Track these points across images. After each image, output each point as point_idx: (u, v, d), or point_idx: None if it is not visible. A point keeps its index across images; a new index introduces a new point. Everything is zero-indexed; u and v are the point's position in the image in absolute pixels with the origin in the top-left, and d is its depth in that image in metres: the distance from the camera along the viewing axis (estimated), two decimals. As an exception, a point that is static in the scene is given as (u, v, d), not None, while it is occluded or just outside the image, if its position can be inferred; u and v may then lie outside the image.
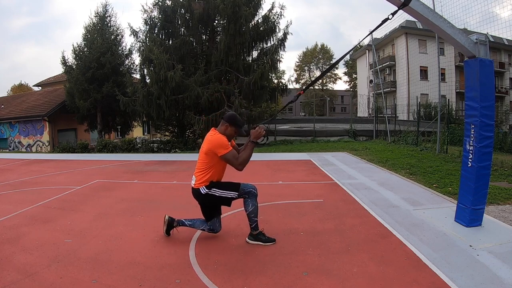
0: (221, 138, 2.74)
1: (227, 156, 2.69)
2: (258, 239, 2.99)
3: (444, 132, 8.93)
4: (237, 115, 2.90)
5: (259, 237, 3.00)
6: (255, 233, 3.00)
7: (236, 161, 2.71)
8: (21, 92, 30.58)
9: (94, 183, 6.08)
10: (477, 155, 3.11)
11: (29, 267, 2.60)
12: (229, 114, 2.90)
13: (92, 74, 13.39)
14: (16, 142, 17.06)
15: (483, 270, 2.41)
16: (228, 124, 2.81)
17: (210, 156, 2.76)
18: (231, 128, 2.82)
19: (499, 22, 7.09)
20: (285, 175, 6.40)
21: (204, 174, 2.81)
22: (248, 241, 3.03)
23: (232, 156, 2.70)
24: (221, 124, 2.86)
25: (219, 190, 2.83)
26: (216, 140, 2.73)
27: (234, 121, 2.82)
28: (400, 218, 3.60)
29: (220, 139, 2.73)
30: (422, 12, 2.87)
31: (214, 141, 2.74)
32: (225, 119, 2.83)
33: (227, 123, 2.81)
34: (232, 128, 2.82)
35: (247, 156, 2.75)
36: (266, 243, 2.98)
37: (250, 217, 2.94)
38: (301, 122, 20.95)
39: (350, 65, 43.55)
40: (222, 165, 2.85)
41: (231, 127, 2.81)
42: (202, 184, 2.82)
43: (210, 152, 2.75)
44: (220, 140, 2.72)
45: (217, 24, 12.69)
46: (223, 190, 2.84)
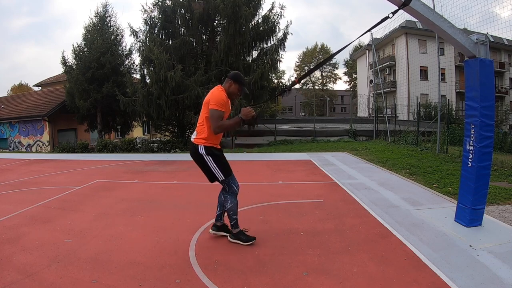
0: (220, 95, 2.76)
1: (213, 112, 2.69)
2: (238, 238, 2.99)
3: (444, 132, 8.93)
4: (241, 74, 2.95)
5: (238, 236, 2.99)
6: (235, 232, 3.00)
7: (216, 122, 2.69)
8: (21, 92, 30.58)
9: (94, 183, 6.08)
10: (477, 155, 3.11)
11: (29, 267, 2.60)
12: (233, 72, 2.96)
13: (92, 74, 13.39)
14: (16, 142, 17.06)
15: (483, 270, 2.40)
16: (232, 81, 2.86)
17: (207, 108, 2.77)
18: (235, 85, 2.86)
19: (499, 22, 7.08)
20: (285, 175, 6.40)
21: (203, 128, 2.80)
22: (230, 240, 3.03)
23: (218, 115, 2.70)
24: (225, 81, 2.91)
25: (214, 162, 2.82)
26: (215, 94, 2.77)
27: (237, 78, 2.87)
28: (400, 218, 3.60)
29: (220, 95, 2.76)
30: (422, 12, 2.87)
31: (213, 94, 2.78)
32: (229, 77, 2.89)
33: (231, 79, 2.86)
34: (236, 85, 2.86)
35: (228, 125, 2.78)
36: (245, 243, 2.96)
37: (229, 214, 2.94)
38: (301, 122, 20.95)
39: (350, 65, 43.58)
40: None
41: (234, 84, 2.86)
42: (201, 142, 2.81)
43: (207, 104, 2.77)
44: (218, 96, 2.75)
45: (217, 24, 12.69)
46: (216, 165, 2.82)
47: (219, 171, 2.84)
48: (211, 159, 2.81)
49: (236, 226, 2.99)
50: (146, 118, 13.59)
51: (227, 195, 2.94)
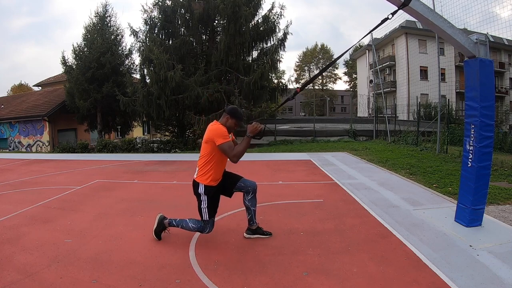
0: (221, 128, 2.79)
1: (224, 146, 2.73)
2: (156, 234, 3.14)
3: (444, 132, 8.93)
4: (238, 108, 2.99)
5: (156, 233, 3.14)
6: (157, 230, 3.14)
7: (231, 152, 2.73)
8: (21, 92, 30.59)
9: (94, 183, 6.08)
10: (477, 155, 3.11)
11: (29, 267, 2.60)
12: (230, 107, 2.98)
13: (92, 74, 13.39)
14: (16, 142, 17.06)
15: (483, 270, 2.41)
16: (229, 116, 2.87)
17: (210, 146, 2.80)
18: (232, 120, 2.88)
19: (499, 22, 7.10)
20: (285, 175, 6.40)
21: (206, 166, 2.83)
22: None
23: (229, 146, 2.74)
24: (222, 116, 2.93)
25: (207, 203, 2.87)
26: (216, 129, 2.79)
27: (234, 113, 2.89)
28: (400, 218, 3.60)
29: (220, 129, 2.79)
30: (422, 12, 2.87)
31: (214, 130, 2.79)
32: (226, 111, 2.91)
33: (228, 115, 2.88)
34: (233, 120, 2.88)
35: (243, 149, 2.79)
36: (156, 238, 3.12)
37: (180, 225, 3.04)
38: (301, 122, 20.95)
39: (350, 65, 43.57)
40: (222, 158, 2.88)
41: (231, 119, 2.88)
42: (203, 180, 2.85)
43: (210, 141, 2.79)
44: (219, 130, 2.78)
45: (217, 24, 12.70)
46: (207, 207, 2.88)
47: (206, 212, 2.89)
48: (206, 199, 2.86)
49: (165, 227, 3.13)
50: (146, 118, 13.60)
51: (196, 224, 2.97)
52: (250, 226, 3.18)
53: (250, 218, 3.15)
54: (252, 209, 3.11)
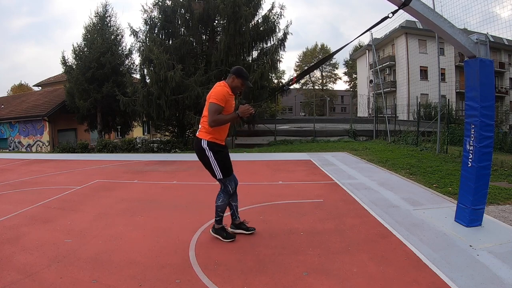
0: (221, 90, 2.80)
1: (211, 106, 2.74)
2: (219, 234, 3.07)
3: (444, 132, 8.93)
4: (243, 68, 2.98)
5: (220, 232, 3.08)
6: (217, 227, 3.09)
7: (213, 116, 2.72)
8: (21, 92, 30.57)
9: (94, 183, 6.08)
10: (477, 155, 3.11)
11: (29, 267, 2.60)
12: (235, 67, 2.99)
13: (92, 74, 13.39)
14: (16, 142, 17.06)
15: (483, 270, 2.40)
16: (234, 76, 2.88)
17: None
18: (238, 80, 2.89)
19: (499, 22, 7.09)
20: (285, 175, 6.40)
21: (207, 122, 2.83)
22: (211, 233, 3.13)
23: (216, 109, 2.73)
24: (228, 76, 2.94)
25: (214, 159, 2.85)
26: (217, 90, 2.80)
27: (240, 72, 2.89)
28: (400, 218, 3.60)
29: (221, 90, 2.79)
30: (422, 12, 2.87)
31: (215, 89, 2.82)
32: (232, 72, 2.92)
33: (234, 75, 2.89)
34: (239, 79, 2.89)
35: (224, 119, 2.79)
36: (225, 240, 3.03)
37: (217, 211, 3.01)
38: (301, 122, 20.96)
39: (350, 65, 43.58)
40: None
41: (237, 78, 2.88)
42: (205, 135, 2.84)
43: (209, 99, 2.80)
44: (219, 91, 2.78)
45: (217, 24, 12.69)
46: (217, 162, 2.85)
47: (218, 169, 2.87)
48: (212, 155, 2.84)
49: (220, 222, 3.07)
50: (146, 118, 13.59)
51: (221, 192, 3.00)
52: (234, 221, 3.20)
53: (232, 213, 3.18)
54: (234, 204, 3.13)
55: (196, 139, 2.92)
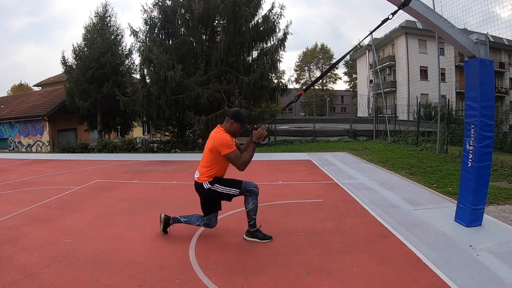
0: (225, 137, 2.75)
1: (230, 156, 2.72)
2: (255, 236, 3.05)
3: (444, 132, 8.93)
4: (241, 111, 2.90)
5: (256, 234, 3.05)
6: (252, 230, 3.05)
7: (238, 161, 2.74)
8: (21, 92, 30.56)
9: (94, 183, 6.08)
10: (477, 155, 3.11)
11: (29, 267, 2.60)
12: (233, 110, 2.90)
13: (92, 74, 13.39)
14: (16, 142, 17.05)
15: (483, 270, 2.40)
16: (233, 121, 2.82)
17: (214, 154, 2.79)
18: (236, 124, 2.83)
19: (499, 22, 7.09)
20: (285, 175, 6.40)
21: (208, 170, 2.84)
22: (246, 237, 3.09)
23: (235, 156, 2.73)
24: (226, 121, 2.86)
25: (221, 186, 2.87)
26: (220, 138, 2.75)
27: (238, 117, 2.82)
28: (400, 218, 3.60)
29: (225, 138, 2.75)
30: (422, 12, 2.87)
31: (219, 139, 2.75)
32: (230, 116, 2.84)
33: (232, 119, 2.81)
34: (237, 124, 2.83)
35: (249, 156, 2.78)
36: (262, 240, 3.02)
37: (249, 214, 2.99)
38: (301, 122, 20.96)
39: (350, 65, 43.55)
40: (226, 162, 2.88)
41: (236, 123, 2.82)
42: (206, 179, 2.85)
43: (214, 150, 2.77)
44: (224, 139, 2.74)
45: (217, 24, 12.70)
46: (225, 187, 2.88)
47: (230, 189, 2.88)
48: (217, 186, 2.86)
49: (254, 225, 3.04)
50: (146, 118, 13.60)
51: (249, 197, 2.96)
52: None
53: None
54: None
55: (196, 184, 2.91)
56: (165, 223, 3.19)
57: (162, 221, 3.19)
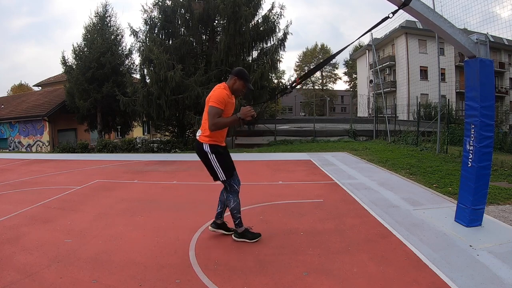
0: (221, 92, 2.73)
1: (211, 110, 2.68)
2: (244, 236, 3.01)
3: (444, 132, 8.93)
4: (245, 70, 2.90)
5: (245, 234, 3.02)
6: (240, 231, 3.01)
7: (213, 119, 2.67)
8: (21, 92, 30.56)
9: (94, 183, 6.08)
10: (477, 155, 3.11)
11: (29, 267, 2.60)
12: (237, 68, 2.91)
13: (92, 74, 13.39)
14: (16, 142, 17.05)
15: (483, 270, 2.40)
16: (236, 78, 2.82)
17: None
18: (239, 82, 2.83)
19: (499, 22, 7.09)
20: (285, 175, 6.40)
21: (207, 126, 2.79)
22: (234, 238, 3.05)
23: (215, 113, 2.68)
24: (229, 78, 2.87)
25: (217, 161, 2.83)
26: (216, 92, 2.74)
27: (242, 75, 2.83)
28: (400, 218, 3.60)
29: (220, 93, 2.73)
30: (422, 12, 2.87)
31: (215, 91, 2.75)
32: (233, 73, 2.85)
33: (235, 76, 2.82)
34: (240, 81, 2.83)
35: (225, 122, 2.75)
36: (251, 240, 2.99)
37: (233, 213, 2.95)
38: (301, 122, 20.94)
39: (350, 65, 43.58)
40: None
41: (239, 80, 2.82)
42: (206, 140, 2.82)
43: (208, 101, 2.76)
44: (219, 94, 2.72)
45: (217, 24, 12.69)
46: (219, 164, 2.84)
47: (221, 170, 2.85)
48: (215, 157, 2.82)
49: (240, 224, 3.00)
50: (146, 118, 13.59)
51: (229, 194, 2.95)
52: (216, 220, 3.16)
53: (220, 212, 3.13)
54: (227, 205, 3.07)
55: (197, 143, 2.89)
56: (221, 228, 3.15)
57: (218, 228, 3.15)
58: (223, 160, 2.86)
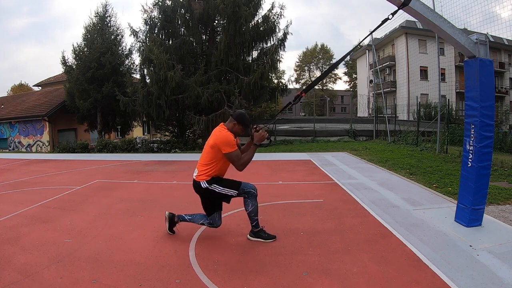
0: (228, 136, 2.76)
1: (231, 155, 2.73)
2: (259, 236, 3.07)
3: (444, 132, 8.94)
4: (245, 114, 2.92)
5: (260, 234, 3.07)
6: (256, 230, 3.07)
7: (238, 162, 2.75)
8: (21, 92, 30.56)
9: (94, 183, 6.08)
10: (477, 155, 3.11)
11: (29, 267, 2.60)
12: (238, 112, 2.93)
13: (92, 74, 13.39)
14: (16, 142, 17.05)
15: (483, 270, 2.40)
16: (236, 122, 2.84)
17: (215, 151, 2.79)
18: (239, 127, 2.85)
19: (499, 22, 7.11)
20: (285, 175, 6.40)
21: (207, 168, 2.83)
22: (249, 238, 3.10)
23: (236, 156, 2.75)
24: (229, 120, 2.89)
25: (219, 186, 2.86)
26: (223, 136, 2.76)
27: (242, 119, 2.85)
28: (400, 218, 3.60)
29: (228, 136, 2.76)
30: (422, 12, 2.87)
31: (222, 137, 2.76)
32: (234, 117, 2.86)
33: (235, 120, 2.84)
34: (240, 126, 2.85)
35: (249, 158, 2.80)
36: (266, 240, 3.04)
37: (251, 216, 3.01)
38: (301, 122, 20.91)
39: (350, 65, 43.54)
40: (225, 161, 2.87)
41: (238, 125, 2.84)
42: (204, 178, 2.84)
43: (216, 147, 2.77)
44: (227, 138, 2.75)
45: (217, 24, 12.70)
46: (223, 187, 2.88)
47: (229, 190, 2.88)
48: (215, 186, 2.86)
49: (257, 226, 3.06)
50: (146, 118, 13.60)
51: (248, 199, 2.97)
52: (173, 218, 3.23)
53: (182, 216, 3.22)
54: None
55: (194, 182, 2.91)
56: (170, 221, 3.20)
57: (167, 219, 3.20)
58: (223, 183, 2.89)
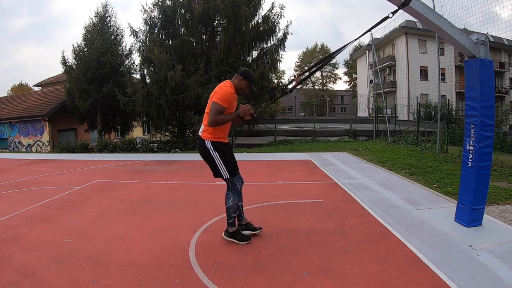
0: (227, 90, 2.77)
1: (213, 105, 2.72)
2: (234, 236, 2.99)
3: (444, 132, 8.94)
4: (250, 71, 2.95)
5: (235, 234, 3.00)
6: (231, 231, 3.00)
7: (214, 115, 2.70)
8: (21, 92, 30.55)
9: (94, 183, 6.08)
10: (477, 155, 3.11)
11: (29, 267, 2.60)
12: (243, 68, 2.97)
13: (92, 74, 13.39)
14: (16, 142, 17.05)
15: (483, 270, 2.40)
16: (241, 78, 2.87)
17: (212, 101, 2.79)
18: (244, 82, 2.88)
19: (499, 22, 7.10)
20: (285, 175, 6.40)
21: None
22: (224, 237, 3.04)
23: (217, 110, 2.71)
24: (234, 77, 2.92)
25: (220, 159, 2.83)
26: (222, 89, 2.78)
27: (247, 75, 2.88)
28: (400, 218, 3.60)
29: (226, 91, 2.77)
30: (422, 12, 2.88)
31: (220, 88, 2.79)
32: (239, 72, 2.90)
33: (241, 76, 2.87)
34: (245, 82, 2.88)
35: (224, 119, 2.77)
36: (241, 242, 2.96)
37: (229, 212, 2.94)
38: (301, 122, 20.91)
39: (350, 65, 43.58)
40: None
41: (244, 80, 2.87)
42: (208, 136, 2.82)
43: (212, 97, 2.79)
44: (224, 91, 2.76)
45: (217, 24, 12.70)
46: (222, 163, 2.84)
47: (224, 168, 2.85)
48: (217, 155, 2.83)
49: (233, 224, 2.99)
50: (146, 118, 13.59)
51: (229, 192, 2.95)
52: (240, 222, 3.13)
53: (238, 214, 3.07)
54: (239, 204, 3.06)
55: (199, 139, 2.89)
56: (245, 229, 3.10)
57: (244, 233, 3.08)
58: (226, 158, 2.86)
